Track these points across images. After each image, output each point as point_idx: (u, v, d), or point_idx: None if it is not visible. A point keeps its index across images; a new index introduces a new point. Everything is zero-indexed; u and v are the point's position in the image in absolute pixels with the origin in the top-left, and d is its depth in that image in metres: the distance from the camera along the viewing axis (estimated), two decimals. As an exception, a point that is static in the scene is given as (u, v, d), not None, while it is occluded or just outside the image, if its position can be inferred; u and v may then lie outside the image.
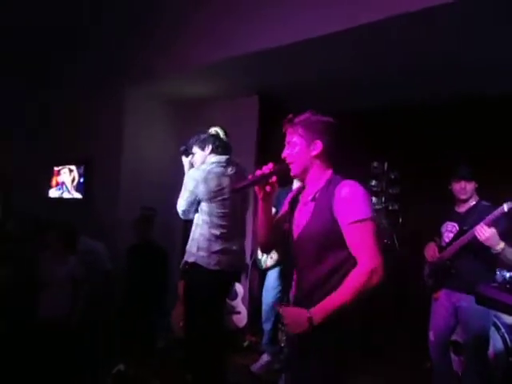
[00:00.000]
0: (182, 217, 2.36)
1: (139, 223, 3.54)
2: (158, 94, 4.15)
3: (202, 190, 2.23)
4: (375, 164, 4.00)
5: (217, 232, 2.25)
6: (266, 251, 2.06)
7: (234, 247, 2.33)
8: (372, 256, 1.32)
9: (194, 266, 2.24)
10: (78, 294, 2.89)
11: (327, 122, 1.47)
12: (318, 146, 1.44)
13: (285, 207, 1.63)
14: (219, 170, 2.30)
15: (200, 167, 2.34)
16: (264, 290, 3.15)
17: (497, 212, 2.09)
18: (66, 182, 4.54)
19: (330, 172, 1.48)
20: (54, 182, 4.66)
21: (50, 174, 4.67)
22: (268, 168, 1.46)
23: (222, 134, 2.44)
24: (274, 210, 2.78)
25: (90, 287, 3.08)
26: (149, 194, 4.11)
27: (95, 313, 3.20)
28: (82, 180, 4.35)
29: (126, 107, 4.02)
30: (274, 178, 1.46)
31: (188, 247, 2.31)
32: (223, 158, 2.35)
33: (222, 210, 2.27)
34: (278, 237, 1.61)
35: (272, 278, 3.09)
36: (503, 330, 2.64)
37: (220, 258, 2.24)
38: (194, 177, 2.28)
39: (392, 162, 4.00)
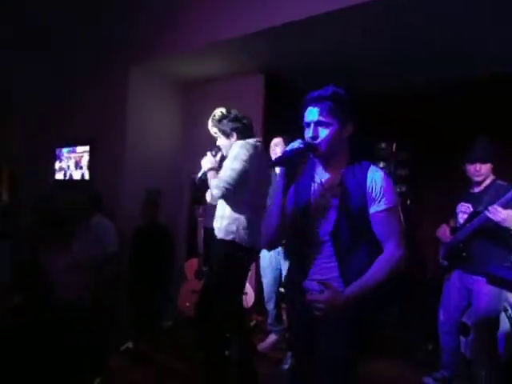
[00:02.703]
0: (220, 196, 2.17)
1: (145, 205, 3.53)
2: (162, 73, 4.07)
3: (254, 164, 2.13)
4: (383, 145, 3.93)
5: (257, 212, 2.19)
6: (273, 247, 1.87)
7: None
8: (399, 244, 1.34)
9: (233, 244, 2.21)
10: (84, 277, 2.91)
11: (354, 102, 1.43)
12: (350, 128, 1.41)
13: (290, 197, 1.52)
14: (261, 148, 2.26)
15: (247, 142, 2.21)
16: (262, 270, 3.14)
17: (509, 195, 2.04)
18: (70, 163, 4.52)
19: (348, 154, 1.45)
20: (58, 164, 4.65)
21: (54, 156, 4.66)
22: (303, 143, 1.38)
23: (233, 115, 2.36)
24: None
25: (98, 269, 3.13)
26: (154, 174, 4.08)
27: (103, 293, 3.25)
28: (86, 161, 4.33)
29: (130, 86, 3.95)
30: (305, 158, 1.41)
31: (225, 225, 2.23)
32: (260, 139, 2.31)
33: (264, 190, 2.26)
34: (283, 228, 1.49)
35: (267, 258, 3.06)
36: (510, 311, 2.63)
37: (257, 237, 2.19)
38: (246, 148, 2.14)
39: (400, 144, 3.93)
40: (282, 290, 3.04)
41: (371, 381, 2.58)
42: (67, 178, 4.53)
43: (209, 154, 2.34)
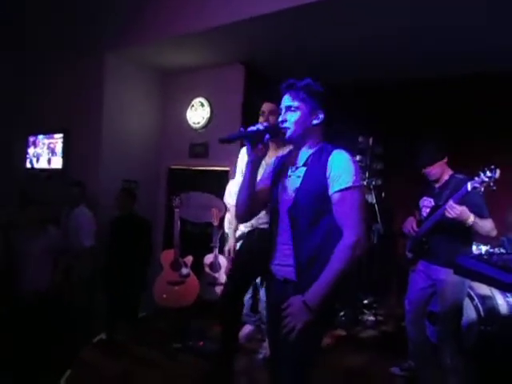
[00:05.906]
0: None
1: (121, 196, 3.47)
2: (139, 61, 3.98)
3: None
4: (360, 139, 3.97)
5: None
6: (243, 221, 2.03)
7: None
8: (355, 227, 1.34)
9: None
10: (57, 266, 2.85)
11: (327, 93, 1.48)
12: (321, 116, 1.46)
13: (266, 178, 1.59)
14: None
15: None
16: None
17: (461, 192, 2.12)
18: (44, 152, 4.38)
19: (321, 141, 1.50)
20: (31, 152, 4.51)
21: (27, 144, 4.51)
22: (263, 125, 1.43)
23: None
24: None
25: (72, 258, 3.07)
26: (131, 164, 4.01)
27: (77, 284, 3.20)
28: (60, 150, 4.20)
29: (106, 75, 3.84)
30: (267, 136, 1.42)
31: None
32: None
33: None
34: (256, 207, 1.58)
35: None
36: (476, 300, 2.74)
37: None
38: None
39: (377, 138, 3.99)
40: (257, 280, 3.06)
41: (342, 371, 2.65)
42: (41, 165, 4.40)
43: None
